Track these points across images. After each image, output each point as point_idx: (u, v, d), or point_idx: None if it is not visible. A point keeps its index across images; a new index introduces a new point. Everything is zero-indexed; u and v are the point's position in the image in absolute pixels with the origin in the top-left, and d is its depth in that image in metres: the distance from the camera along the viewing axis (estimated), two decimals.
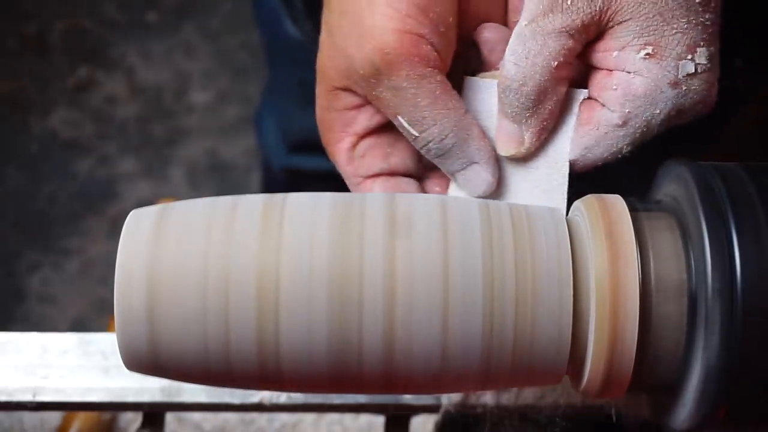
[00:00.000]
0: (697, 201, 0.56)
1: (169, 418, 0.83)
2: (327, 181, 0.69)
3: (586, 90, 0.63)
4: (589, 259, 0.56)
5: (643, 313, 0.55)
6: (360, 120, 0.64)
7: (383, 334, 0.54)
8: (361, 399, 0.77)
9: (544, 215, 0.57)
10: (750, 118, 0.95)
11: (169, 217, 0.56)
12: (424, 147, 0.62)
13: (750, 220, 0.55)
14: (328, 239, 0.54)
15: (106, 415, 0.94)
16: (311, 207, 0.56)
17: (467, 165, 0.63)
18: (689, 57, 0.60)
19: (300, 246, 0.54)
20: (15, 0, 2.06)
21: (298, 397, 0.77)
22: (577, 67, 0.63)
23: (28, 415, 0.89)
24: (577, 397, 0.73)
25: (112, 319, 0.56)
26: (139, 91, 1.98)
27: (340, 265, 0.54)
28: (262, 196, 0.57)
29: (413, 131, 0.61)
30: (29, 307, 1.78)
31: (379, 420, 0.80)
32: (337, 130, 0.65)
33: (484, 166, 0.63)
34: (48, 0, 2.06)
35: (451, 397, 0.73)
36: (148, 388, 0.77)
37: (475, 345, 0.54)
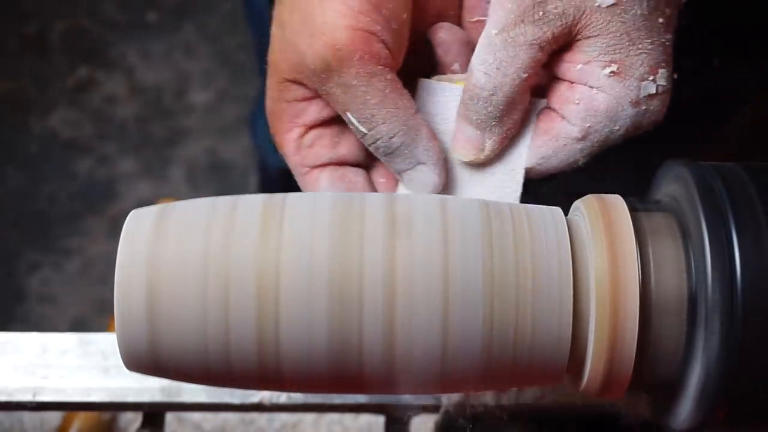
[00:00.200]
0: (697, 201, 0.56)
1: (169, 418, 0.83)
2: None
3: (544, 99, 0.63)
4: (589, 259, 0.56)
5: (643, 313, 0.55)
6: (310, 112, 0.64)
7: (383, 334, 0.54)
8: (361, 399, 0.77)
9: (545, 215, 0.57)
10: (750, 118, 0.95)
11: (169, 217, 0.56)
12: (372, 145, 0.62)
13: (750, 220, 0.55)
14: (328, 239, 0.54)
15: (106, 415, 0.94)
16: (311, 207, 0.56)
17: (414, 165, 0.62)
18: (651, 78, 0.61)
19: (300, 246, 0.54)
20: (15, 0, 2.06)
21: (298, 397, 0.77)
22: (541, 76, 0.63)
23: (28, 415, 0.89)
24: (577, 396, 0.73)
25: (112, 319, 0.56)
26: (138, 91, 1.98)
27: (340, 265, 0.54)
28: (262, 195, 0.57)
29: (362, 128, 0.61)
30: (29, 307, 1.78)
31: (379, 420, 0.79)
32: (286, 120, 0.64)
33: (431, 167, 0.62)
34: (48, 0, 2.06)
35: (451, 397, 0.73)
36: (148, 388, 0.77)
37: (475, 345, 0.54)
